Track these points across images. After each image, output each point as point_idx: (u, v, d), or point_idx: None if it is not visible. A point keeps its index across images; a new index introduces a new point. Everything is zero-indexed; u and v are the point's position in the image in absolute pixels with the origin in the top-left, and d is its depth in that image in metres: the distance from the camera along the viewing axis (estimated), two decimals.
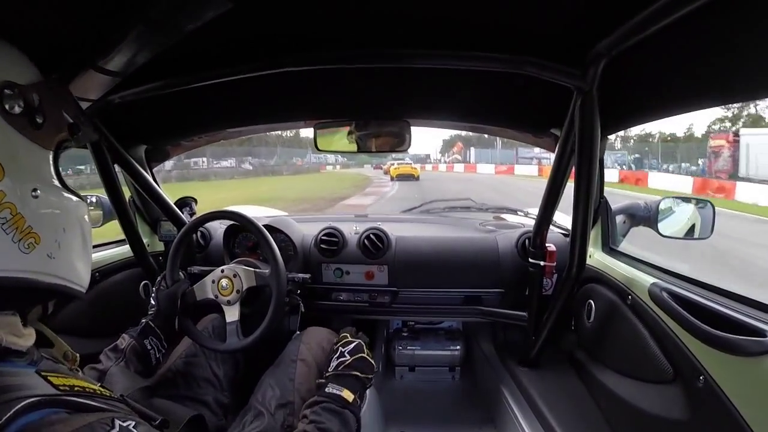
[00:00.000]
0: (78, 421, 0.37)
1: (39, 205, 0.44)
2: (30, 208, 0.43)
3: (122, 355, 0.85)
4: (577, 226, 1.03)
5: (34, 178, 0.45)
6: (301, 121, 1.33)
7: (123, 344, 0.87)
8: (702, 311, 0.74)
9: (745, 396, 0.62)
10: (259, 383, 0.93)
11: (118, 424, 0.39)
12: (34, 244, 0.43)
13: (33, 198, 0.44)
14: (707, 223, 1.08)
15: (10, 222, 0.41)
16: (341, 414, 0.77)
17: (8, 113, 0.43)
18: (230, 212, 1.12)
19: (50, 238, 0.45)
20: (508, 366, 1.36)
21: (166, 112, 1.20)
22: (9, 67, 0.45)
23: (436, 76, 0.99)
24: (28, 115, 0.45)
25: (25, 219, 0.42)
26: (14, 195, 0.42)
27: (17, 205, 0.42)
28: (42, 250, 0.44)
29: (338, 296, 1.47)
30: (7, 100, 0.42)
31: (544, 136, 1.24)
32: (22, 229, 0.42)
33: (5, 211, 0.41)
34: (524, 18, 0.73)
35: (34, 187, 0.44)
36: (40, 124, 0.46)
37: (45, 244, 0.44)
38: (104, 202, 1.34)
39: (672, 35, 0.65)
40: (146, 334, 0.91)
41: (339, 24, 0.78)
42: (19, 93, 0.43)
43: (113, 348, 0.87)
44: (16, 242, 0.42)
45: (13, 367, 0.42)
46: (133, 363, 0.86)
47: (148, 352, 0.89)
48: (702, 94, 0.73)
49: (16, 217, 0.42)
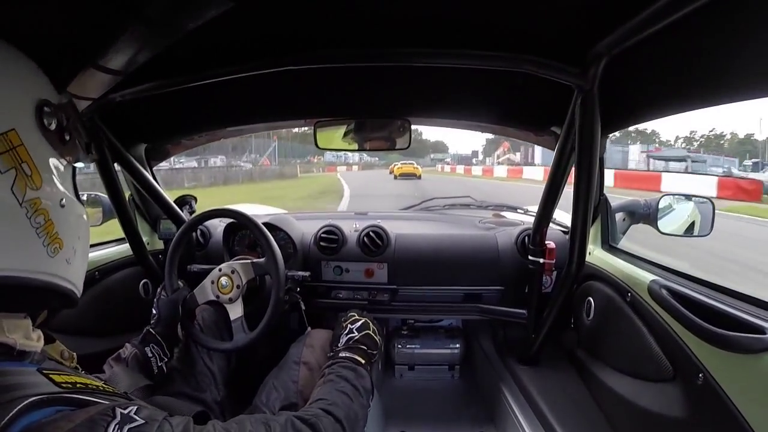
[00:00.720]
0: (80, 415, 0.38)
1: (65, 213, 0.48)
2: (59, 216, 0.47)
3: (124, 364, 0.86)
4: (577, 224, 1.03)
5: (62, 189, 0.49)
6: (301, 119, 1.33)
7: (125, 353, 0.88)
8: (701, 308, 0.74)
9: (745, 393, 0.63)
10: (263, 384, 0.94)
11: (119, 412, 0.40)
12: (58, 249, 0.47)
13: (61, 207, 0.47)
14: (707, 221, 1.08)
15: (44, 227, 0.45)
16: (355, 369, 0.81)
17: (46, 129, 0.47)
18: (229, 210, 1.12)
19: (70, 244, 0.49)
20: (508, 364, 1.36)
21: (167, 110, 1.20)
22: (44, 88, 0.49)
23: (437, 74, 0.99)
24: (60, 132, 0.49)
25: (54, 225, 0.46)
26: (48, 203, 0.45)
27: (50, 212, 0.46)
28: (63, 255, 0.47)
29: (338, 294, 1.48)
30: (46, 116, 0.46)
31: (545, 134, 1.24)
32: (51, 234, 0.46)
33: (40, 216, 0.44)
34: (525, 17, 0.73)
35: (62, 198, 0.48)
36: (67, 140, 0.50)
37: (66, 249, 0.48)
38: (104, 200, 1.34)
39: (673, 35, 0.65)
40: (147, 341, 0.91)
41: (339, 23, 0.78)
42: (53, 111, 0.48)
43: (116, 357, 0.88)
44: (46, 246, 0.45)
45: (15, 366, 0.42)
46: (133, 370, 0.86)
47: (149, 360, 0.90)
48: (702, 93, 0.73)
49: (48, 222, 0.45)
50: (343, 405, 0.70)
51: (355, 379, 0.79)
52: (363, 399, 0.77)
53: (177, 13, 0.58)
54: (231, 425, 0.54)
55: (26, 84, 0.47)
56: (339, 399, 0.71)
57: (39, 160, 0.45)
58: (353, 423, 0.70)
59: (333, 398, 0.71)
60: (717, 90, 0.71)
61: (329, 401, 0.69)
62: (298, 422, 0.61)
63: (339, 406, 0.69)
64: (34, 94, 0.47)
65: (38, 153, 0.45)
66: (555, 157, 1.05)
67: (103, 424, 0.38)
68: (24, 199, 0.42)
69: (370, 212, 1.79)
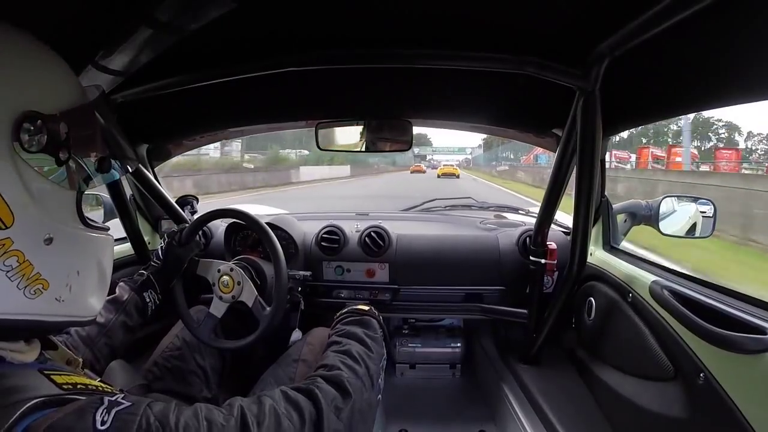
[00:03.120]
0: (70, 406, 0.38)
1: (51, 251, 0.41)
2: (40, 255, 0.40)
3: (122, 308, 0.85)
4: (578, 225, 1.04)
5: (49, 223, 0.41)
6: (302, 120, 1.33)
7: (124, 297, 0.86)
8: (702, 309, 0.74)
9: (746, 393, 0.63)
10: (261, 380, 0.94)
11: (106, 400, 0.40)
12: (41, 290, 0.41)
13: (45, 245, 0.40)
14: (708, 222, 1.08)
15: (16, 270, 0.38)
16: (360, 319, 0.81)
17: (27, 151, 0.38)
18: (233, 210, 1.13)
19: (61, 283, 0.43)
20: (509, 363, 1.36)
21: (169, 111, 1.20)
22: (35, 88, 0.40)
23: (438, 75, 0.99)
24: (51, 151, 0.40)
25: (33, 267, 0.39)
26: (23, 243, 0.38)
27: (25, 253, 0.39)
28: (50, 295, 0.42)
29: (339, 294, 1.48)
30: (25, 134, 0.37)
31: (546, 136, 1.24)
32: (29, 276, 0.39)
33: (11, 258, 0.38)
34: (527, 18, 0.73)
35: (48, 234, 0.41)
36: (63, 160, 0.41)
37: (53, 289, 0.42)
38: (105, 200, 1.35)
39: (675, 36, 0.65)
40: (146, 287, 0.91)
41: (341, 24, 0.78)
42: (41, 125, 0.38)
43: (113, 300, 0.85)
44: (21, 288, 0.39)
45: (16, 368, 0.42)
46: (132, 317, 0.86)
47: (147, 305, 0.89)
48: (704, 95, 0.74)
49: (24, 264, 0.39)
50: (345, 368, 0.65)
51: (359, 329, 0.77)
52: (370, 349, 0.74)
53: (179, 14, 0.58)
54: (221, 408, 0.50)
55: (6, 91, 0.38)
56: (339, 361, 0.66)
57: (10, 192, 0.37)
58: (362, 382, 0.65)
59: (332, 362, 0.66)
60: (719, 92, 0.71)
61: (328, 366, 0.65)
62: (291, 392, 0.56)
63: (341, 370, 0.64)
64: (15, 105, 0.38)
65: (10, 183, 0.37)
66: (556, 159, 1.05)
67: (92, 411, 0.38)
68: None
69: (371, 213, 1.79)
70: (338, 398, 0.59)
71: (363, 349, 0.74)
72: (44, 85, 0.42)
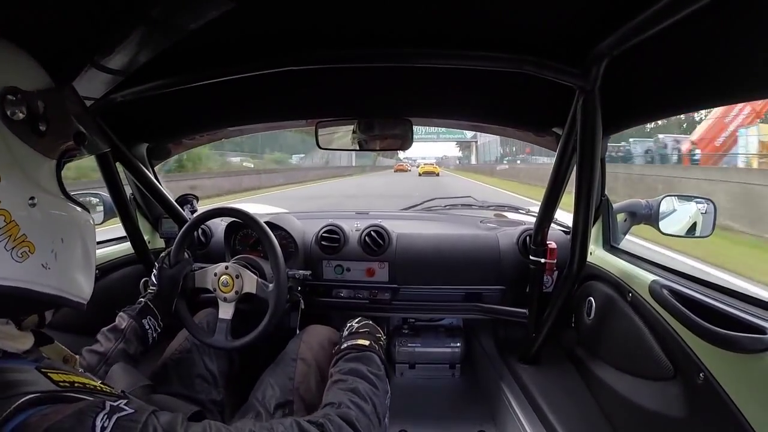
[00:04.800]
0: (70, 408, 0.38)
1: (36, 213, 0.44)
2: (26, 216, 0.42)
3: (122, 336, 0.85)
4: (578, 224, 1.04)
5: (33, 187, 0.44)
6: (302, 119, 1.33)
7: (123, 324, 0.87)
8: (702, 308, 0.74)
9: (745, 393, 0.63)
10: (260, 381, 0.94)
11: (108, 405, 0.40)
12: (27, 252, 0.42)
13: (30, 206, 0.43)
14: (708, 222, 1.08)
15: (3, 230, 0.40)
16: (361, 356, 0.79)
17: (9, 119, 0.42)
18: (232, 209, 1.13)
19: (46, 248, 0.44)
20: (509, 363, 1.36)
21: (168, 110, 1.20)
22: (13, 72, 0.44)
23: (438, 74, 0.99)
24: (31, 123, 0.44)
25: (19, 227, 0.42)
26: (9, 202, 0.41)
27: (12, 212, 0.41)
28: (36, 259, 0.43)
29: (339, 293, 1.48)
30: (8, 106, 0.42)
31: (546, 134, 1.24)
32: (15, 236, 0.41)
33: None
34: (527, 17, 0.73)
35: (32, 196, 0.43)
36: (43, 132, 0.45)
37: (40, 253, 0.44)
38: (105, 199, 1.35)
39: (674, 35, 0.65)
40: (144, 314, 0.91)
41: (340, 23, 0.78)
42: (21, 99, 0.43)
43: (112, 329, 0.87)
44: (9, 250, 0.41)
45: (14, 364, 0.42)
46: (132, 344, 0.86)
47: (147, 332, 0.90)
48: (704, 94, 0.73)
49: (10, 224, 0.41)
50: (354, 406, 0.66)
51: (362, 367, 0.76)
52: (376, 386, 0.74)
53: (178, 13, 0.58)
54: (230, 429, 0.51)
55: None
56: (347, 399, 0.68)
57: None
58: (369, 420, 0.66)
59: (340, 399, 0.68)
60: (719, 90, 0.71)
61: (336, 404, 0.66)
62: (305, 423, 0.58)
63: (349, 408, 0.65)
64: None
65: None
66: (556, 158, 1.05)
67: (92, 415, 0.38)
68: None
69: (371, 212, 1.79)
70: None
71: (369, 386, 0.73)
72: (19, 69, 0.46)
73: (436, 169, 26.85)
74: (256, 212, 1.28)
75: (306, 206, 8.57)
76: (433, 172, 25.17)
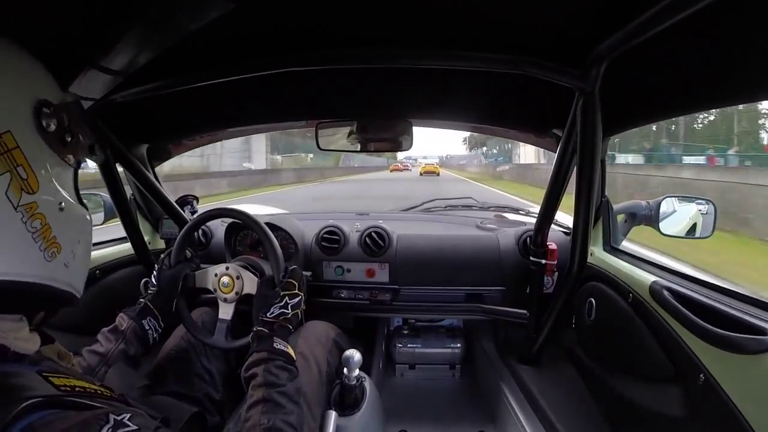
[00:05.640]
0: (74, 418, 0.38)
1: (64, 218, 0.47)
2: (56, 220, 0.46)
3: (122, 337, 0.85)
4: (579, 225, 1.04)
5: (62, 192, 0.48)
6: (303, 120, 1.33)
7: (123, 325, 0.87)
8: (702, 309, 0.74)
9: (745, 394, 0.63)
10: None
11: (112, 419, 0.40)
12: (56, 253, 0.46)
13: (59, 211, 0.47)
14: (709, 223, 1.08)
15: (40, 231, 0.44)
16: (290, 370, 0.76)
17: (45, 131, 0.46)
18: (232, 210, 1.13)
19: (69, 248, 0.48)
20: (509, 364, 1.36)
21: (168, 111, 1.20)
22: (44, 87, 0.48)
23: (438, 75, 0.99)
24: (60, 134, 0.48)
25: (51, 229, 0.45)
26: (45, 207, 0.45)
27: (47, 216, 0.45)
28: (61, 259, 0.47)
29: (339, 294, 1.48)
30: (44, 118, 0.45)
31: (546, 136, 1.24)
32: (48, 238, 0.45)
33: (37, 221, 0.44)
34: (527, 19, 0.73)
35: (61, 201, 0.47)
36: (68, 142, 0.49)
37: (64, 253, 0.47)
38: (106, 200, 1.35)
39: (674, 36, 0.65)
40: (144, 314, 0.91)
41: (341, 24, 0.78)
42: (54, 111, 0.46)
43: (112, 329, 0.87)
44: (42, 251, 0.44)
45: (14, 367, 0.43)
46: (132, 345, 0.86)
47: (147, 333, 0.90)
48: (704, 95, 0.73)
49: (45, 227, 0.45)
50: (283, 424, 0.66)
51: (290, 385, 0.73)
52: (297, 405, 0.72)
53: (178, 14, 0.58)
54: None
55: (24, 83, 0.46)
56: (280, 420, 0.67)
57: (36, 163, 0.44)
58: (295, 414, 0.68)
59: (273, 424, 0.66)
60: (719, 92, 0.71)
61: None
62: None
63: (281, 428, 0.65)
64: (33, 94, 0.45)
65: (35, 155, 0.44)
66: (556, 159, 1.05)
67: (96, 428, 0.38)
68: (19, 204, 0.42)
69: (371, 213, 1.79)
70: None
71: (277, 391, 0.71)
72: (44, 82, 0.49)
73: (436, 169, 30.20)
74: (256, 213, 1.28)
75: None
76: (433, 171, 28.15)
